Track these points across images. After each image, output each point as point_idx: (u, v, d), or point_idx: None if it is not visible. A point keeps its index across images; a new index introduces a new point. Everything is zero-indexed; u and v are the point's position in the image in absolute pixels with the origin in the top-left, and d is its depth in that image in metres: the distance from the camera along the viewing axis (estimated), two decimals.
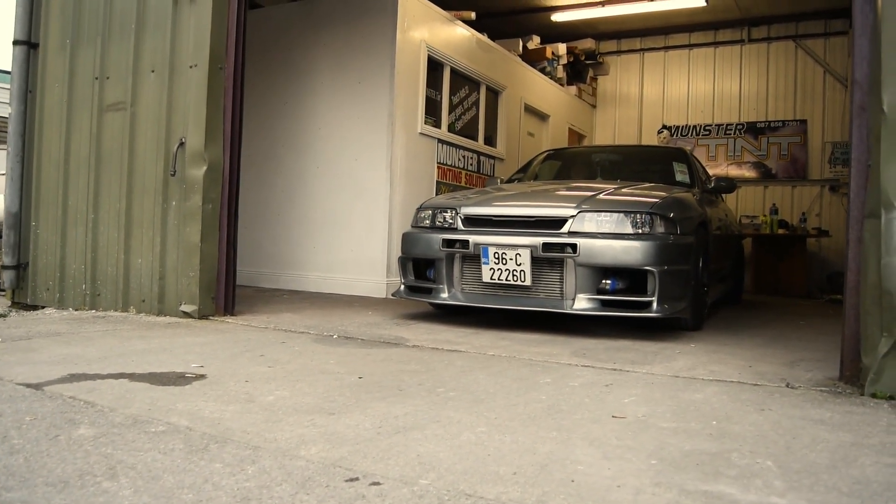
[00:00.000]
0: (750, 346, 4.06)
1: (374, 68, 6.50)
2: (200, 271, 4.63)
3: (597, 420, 2.27)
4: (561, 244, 4.11)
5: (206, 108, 4.64)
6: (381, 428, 2.14)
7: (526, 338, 4.07)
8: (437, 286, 4.55)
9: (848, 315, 2.92)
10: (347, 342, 3.81)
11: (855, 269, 2.90)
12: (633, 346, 3.89)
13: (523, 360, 3.38)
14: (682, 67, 10.75)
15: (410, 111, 6.61)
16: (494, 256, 4.24)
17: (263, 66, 7.15)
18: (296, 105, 6.99)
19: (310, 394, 2.59)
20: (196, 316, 4.60)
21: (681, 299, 4.20)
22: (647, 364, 3.32)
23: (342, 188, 6.68)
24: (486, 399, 2.54)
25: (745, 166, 10.22)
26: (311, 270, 6.83)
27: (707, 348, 3.88)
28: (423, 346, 3.71)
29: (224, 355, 3.34)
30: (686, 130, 10.62)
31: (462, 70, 7.49)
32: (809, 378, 3.07)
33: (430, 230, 4.67)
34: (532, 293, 4.25)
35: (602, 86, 11.36)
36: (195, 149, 4.66)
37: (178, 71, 4.81)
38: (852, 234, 2.92)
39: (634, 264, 4.01)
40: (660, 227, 4.15)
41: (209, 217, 4.67)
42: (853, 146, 2.95)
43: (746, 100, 10.29)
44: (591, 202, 4.32)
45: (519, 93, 8.85)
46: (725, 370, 3.22)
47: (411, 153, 6.63)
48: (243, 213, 7.25)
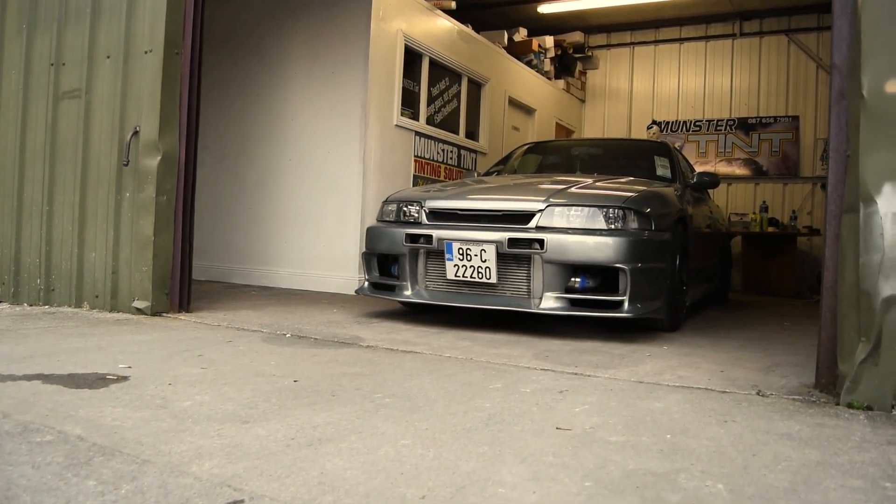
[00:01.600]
0: (727, 348, 3.84)
1: (347, 58, 6.27)
2: (153, 266, 4.40)
3: (538, 432, 2.05)
4: (528, 239, 3.88)
5: (161, 96, 4.42)
6: (293, 439, 1.92)
7: (489, 338, 3.85)
8: (400, 283, 4.33)
9: (824, 318, 2.70)
10: (298, 342, 3.58)
11: (832, 269, 2.68)
12: (602, 348, 3.67)
13: (480, 362, 3.16)
14: (673, 62, 10.52)
15: (386, 103, 6.38)
16: (459, 252, 4.02)
17: (237, 56, 6.93)
18: (268, 96, 6.76)
19: (233, 399, 2.36)
20: (149, 312, 4.38)
21: (655, 299, 3.97)
22: (612, 368, 3.10)
23: (315, 182, 6.45)
24: (424, 407, 2.32)
25: (736, 163, 10.00)
26: (282, 266, 6.60)
27: (680, 351, 3.66)
28: (378, 347, 3.49)
29: (160, 355, 3.11)
30: (676, 126, 10.39)
31: (442, 61, 7.26)
32: (783, 385, 2.85)
33: (395, 224, 4.44)
34: (498, 291, 4.03)
35: (591, 80, 11.13)
36: (149, 138, 4.44)
37: (133, 57, 4.58)
38: (829, 230, 2.70)
39: (605, 261, 3.79)
40: (633, 222, 3.93)
41: (163, 210, 4.45)
42: (831, 135, 2.73)
43: (738, 95, 10.06)
44: (561, 195, 4.09)
45: (503, 86, 8.62)
46: (695, 375, 3.00)
47: (386, 146, 6.41)
48: (215, 208, 7.07)
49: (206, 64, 7.13)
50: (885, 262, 2.45)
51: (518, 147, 6.53)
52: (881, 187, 2.48)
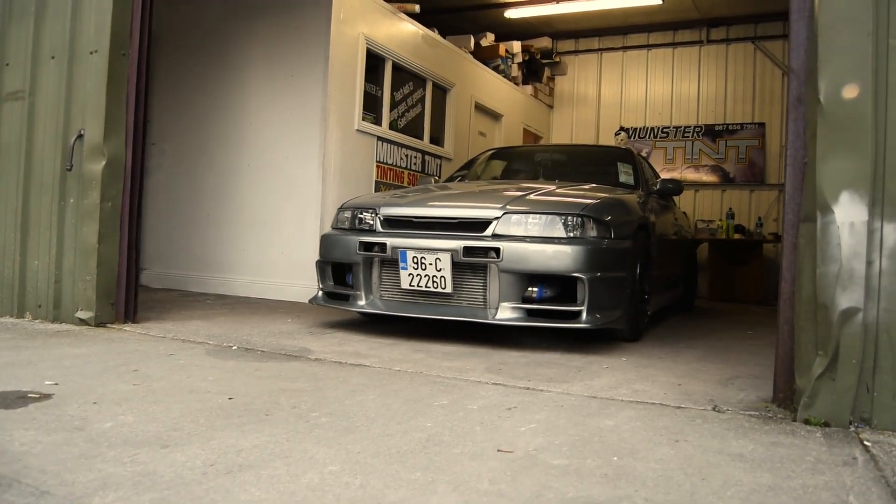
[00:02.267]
0: (687, 359, 3.75)
1: (307, 61, 6.12)
2: (98, 275, 4.22)
3: (478, 455, 1.93)
4: (483, 248, 3.77)
5: (106, 98, 4.24)
6: (212, 466, 1.78)
7: (444, 350, 3.73)
8: (354, 293, 4.19)
9: (781, 330, 2.61)
10: (244, 355, 3.43)
11: (789, 280, 2.60)
12: (559, 360, 3.56)
13: (430, 376, 3.03)
14: (641, 68, 10.50)
15: (346, 107, 6.24)
16: (413, 261, 3.89)
17: (196, 58, 6.75)
18: (227, 99, 6.58)
19: (158, 419, 2.21)
20: (92, 323, 4.19)
21: (614, 308, 3.88)
22: (566, 382, 2.99)
23: (273, 187, 6.29)
24: (362, 427, 2.19)
25: (703, 170, 10.00)
26: (240, 274, 6.42)
27: (639, 362, 3.57)
28: (326, 360, 3.35)
29: (92, 370, 2.94)
30: (644, 132, 10.37)
31: (406, 65, 7.14)
32: (740, 400, 2.76)
33: (350, 232, 4.30)
34: (454, 301, 3.91)
35: (559, 86, 11.07)
36: (94, 142, 4.25)
37: (79, 57, 4.40)
38: (787, 239, 2.62)
39: (562, 270, 3.68)
40: (592, 230, 3.83)
41: (108, 216, 4.26)
42: (789, 142, 2.66)
43: (705, 102, 10.06)
44: (519, 203, 3.99)
45: (469, 91, 8.52)
46: (650, 389, 2.90)
47: (347, 151, 6.26)
48: (172, 214, 6.88)
49: (165, 67, 7.01)
50: (843, 273, 2.37)
51: (482, 153, 6.43)
52: (838, 196, 2.40)
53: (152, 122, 6.97)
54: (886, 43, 2.38)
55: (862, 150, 2.37)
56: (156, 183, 6.98)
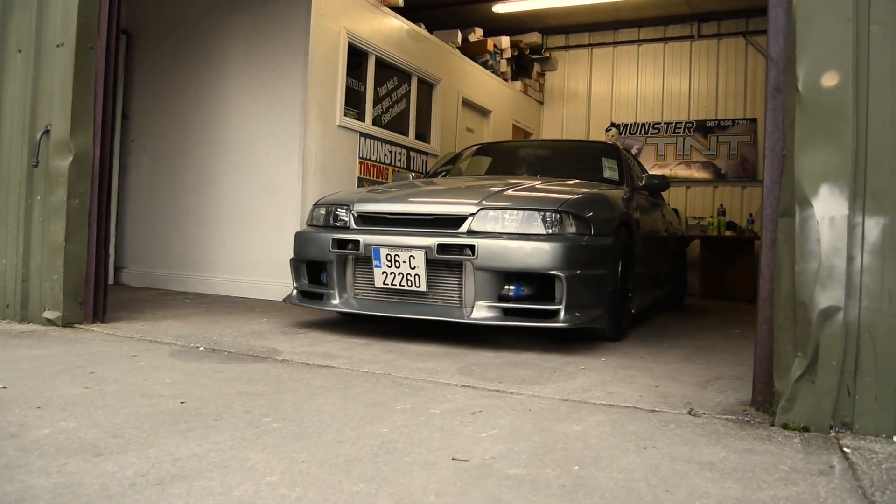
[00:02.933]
0: (668, 359, 3.64)
1: (286, 56, 6.00)
2: (65, 274, 4.09)
3: (430, 464, 1.81)
4: (458, 245, 3.65)
5: (73, 92, 4.11)
6: (143, 476, 1.66)
7: (418, 350, 3.61)
8: (328, 291, 4.07)
9: (760, 330, 2.50)
10: (209, 356, 3.31)
11: (768, 277, 2.48)
12: (535, 360, 3.45)
13: (397, 378, 2.92)
14: (632, 63, 10.39)
15: (328, 102, 6.12)
16: (387, 259, 3.77)
17: (175, 53, 6.62)
18: (207, 95, 6.45)
19: (100, 425, 2.09)
20: (59, 323, 4.07)
21: (594, 307, 3.77)
22: (538, 384, 2.88)
23: (253, 184, 6.17)
24: (314, 433, 2.07)
25: (695, 166, 9.89)
26: (220, 272, 6.30)
27: (618, 363, 3.45)
28: (293, 361, 3.23)
29: (47, 373, 2.82)
30: (635, 128, 10.26)
31: (389, 60, 7.02)
32: (718, 402, 2.65)
33: (324, 229, 4.18)
34: (429, 300, 3.79)
35: (550, 82, 10.96)
36: (60, 137, 4.13)
37: (45, 51, 4.27)
38: (765, 235, 2.51)
39: (539, 268, 3.57)
40: (571, 226, 3.72)
41: (75, 214, 4.14)
42: (767, 133, 2.54)
43: (696, 97, 9.96)
44: (495, 198, 3.87)
45: (456, 86, 8.40)
46: (626, 391, 2.78)
47: (328, 147, 6.14)
48: (152, 211, 6.75)
49: (144, 62, 6.88)
50: (822, 270, 2.26)
51: (466, 148, 6.31)
52: (818, 189, 2.29)
53: (132, 118, 6.86)
54: (868, 28, 2.27)
55: (842, 140, 2.26)
56: (136, 180, 6.86)
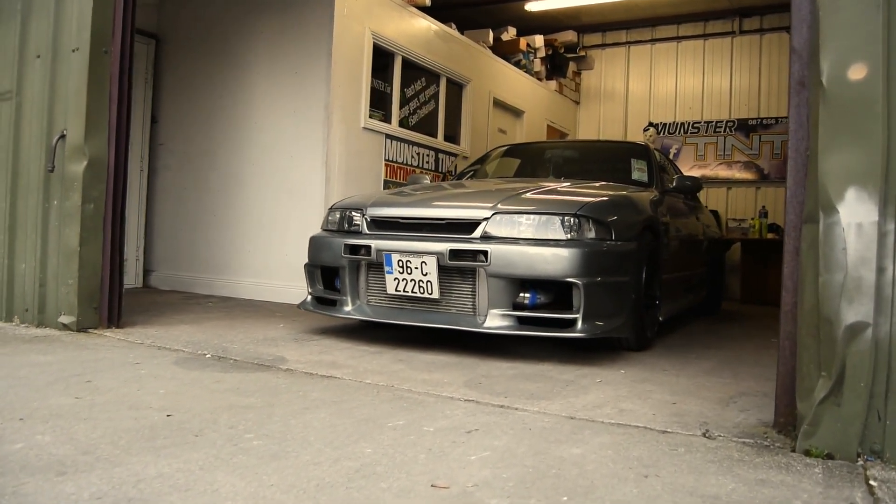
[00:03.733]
0: (692, 372, 3.44)
1: (309, 57, 5.93)
2: (80, 279, 4.08)
3: (406, 492, 1.68)
4: (471, 251, 3.51)
5: (87, 96, 4.10)
6: (100, 499, 1.57)
7: (428, 360, 3.48)
8: (341, 298, 3.97)
9: (783, 346, 2.31)
10: (213, 364, 3.23)
11: (791, 289, 2.29)
12: (550, 371, 3.29)
13: (399, 391, 2.79)
14: (670, 61, 10.10)
15: (352, 104, 6.03)
16: (399, 265, 3.65)
17: (201, 56, 6.61)
18: (232, 98, 6.43)
19: (75, 440, 2.01)
20: (74, 328, 4.06)
21: (615, 316, 3.59)
22: (547, 399, 2.72)
23: (277, 187, 6.11)
24: (292, 453, 1.95)
25: (736, 166, 9.56)
26: (244, 276, 6.26)
27: (637, 376, 3.27)
28: (296, 371, 3.13)
29: (43, 381, 2.77)
30: (674, 128, 9.97)
31: (417, 60, 6.91)
32: (737, 423, 2.46)
33: (338, 234, 4.09)
34: (441, 307, 3.66)
35: (586, 81, 10.73)
36: (75, 142, 4.12)
37: (62, 56, 4.27)
38: (788, 243, 2.32)
39: (556, 275, 3.41)
40: (590, 231, 3.55)
41: (90, 218, 4.12)
42: (791, 132, 2.35)
43: (737, 95, 9.62)
44: (511, 202, 3.72)
45: (487, 86, 8.25)
46: (639, 409, 2.61)
47: (353, 150, 6.06)
48: (179, 215, 6.75)
49: (171, 66, 6.90)
50: (849, 282, 2.06)
51: (494, 149, 6.17)
52: (844, 193, 2.09)
53: (160, 122, 6.88)
54: None
55: (871, 139, 2.06)
56: (164, 183, 6.87)
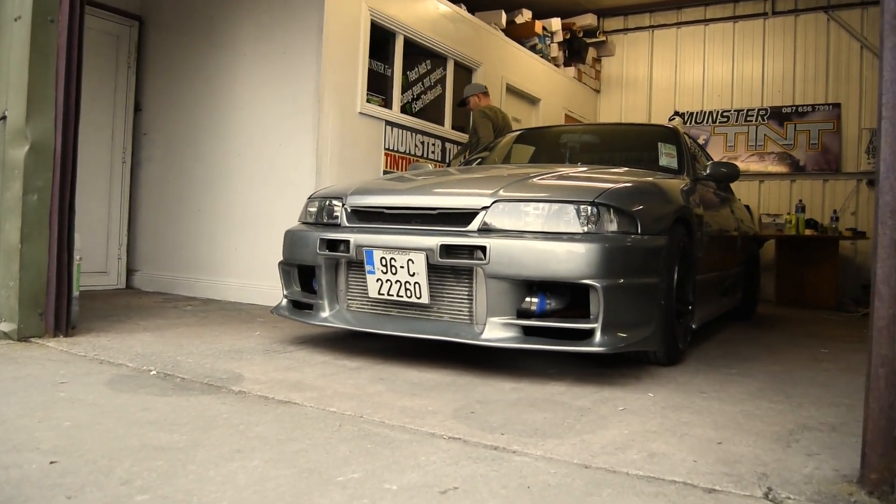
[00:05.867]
0: (736, 394, 2.82)
1: (298, 35, 5.37)
2: (21, 280, 3.54)
3: None
4: (466, 246, 2.91)
5: (30, 72, 3.55)
6: None
7: (415, 378, 2.89)
8: (318, 302, 3.39)
9: (875, 376, 1.68)
10: (151, 385, 2.67)
11: (887, 297, 1.67)
12: (561, 395, 2.68)
13: (368, 423, 2.20)
14: (697, 46, 9.43)
15: (346, 87, 5.46)
16: (381, 263, 3.07)
17: (186, 38, 6.08)
18: (218, 83, 5.88)
19: None
20: (15, 337, 3.51)
21: (642, 325, 2.98)
22: (555, 436, 2.12)
23: (265, 179, 5.56)
24: None
25: (769, 158, 8.88)
26: (230, 276, 5.71)
27: (670, 400, 2.66)
28: (248, 394, 2.55)
29: None
30: (701, 117, 9.30)
31: (421, 41, 6.32)
32: (808, 476, 1.84)
33: (315, 227, 3.52)
34: (432, 314, 3.07)
35: (607, 68, 10.08)
36: (16, 124, 3.58)
37: (3, 26, 3.75)
38: (882, 235, 1.70)
39: (569, 276, 2.80)
40: (611, 223, 2.94)
41: (33, 211, 3.58)
42: (884, 84, 1.73)
43: (770, 82, 8.93)
44: (515, 188, 3.11)
45: (499, 71, 7.64)
46: (675, 452, 2.00)
47: (348, 137, 5.49)
48: (161, 211, 6.21)
49: (155, 51, 6.34)
50: None
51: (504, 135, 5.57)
52: None
53: (145, 110, 6.36)
54: None
55: None
56: (147, 176, 6.35)
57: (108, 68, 6.18)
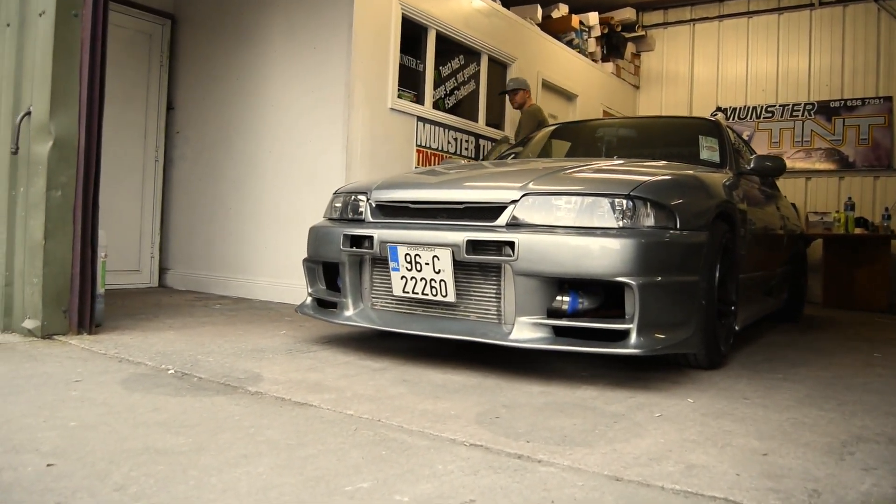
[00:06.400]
0: (782, 401, 2.63)
1: (328, 30, 5.28)
2: (44, 277, 3.50)
3: None
4: (493, 242, 2.77)
5: (53, 66, 3.52)
6: None
7: (439, 380, 2.76)
8: (342, 300, 3.28)
9: None
10: (167, 384, 2.58)
11: None
12: (593, 400, 2.53)
13: (386, 427, 2.08)
14: (740, 39, 9.13)
15: (377, 82, 5.36)
16: (406, 260, 2.94)
17: (217, 36, 6.05)
18: (249, 80, 5.83)
19: None
20: (39, 335, 3.48)
21: (681, 326, 2.81)
22: (585, 444, 1.97)
23: (295, 177, 5.48)
24: None
25: (816, 154, 8.55)
26: (260, 275, 5.65)
27: (711, 407, 2.48)
28: (265, 395, 2.45)
29: None
30: (744, 112, 9.00)
31: (454, 36, 6.19)
32: (866, 492, 1.66)
33: (339, 223, 3.41)
34: (459, 313, 2.93)
35: (646, 63, 9.83)
36: (40, 119, 3.55)
37: (29, 21, 3.71)
38: None
39: (603, 273, 2.64)
40: (647, 217, 2.77)
41: (57, 207, 3.54)
42: None
43: (817, 75, 8.60)
44: (545, 181, 2.96)
45: (535, 67, 7.47)
46: (716, 465, 1.84)
47: (378, 133, 5.38)
48: (194, 209, 6.18)
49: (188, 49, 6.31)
50: None
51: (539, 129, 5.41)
52: None
53: (177, 108, 6.35)
54: None
55: None
56: (180, 175, 6.33)
57: (141, 67, 6.17)
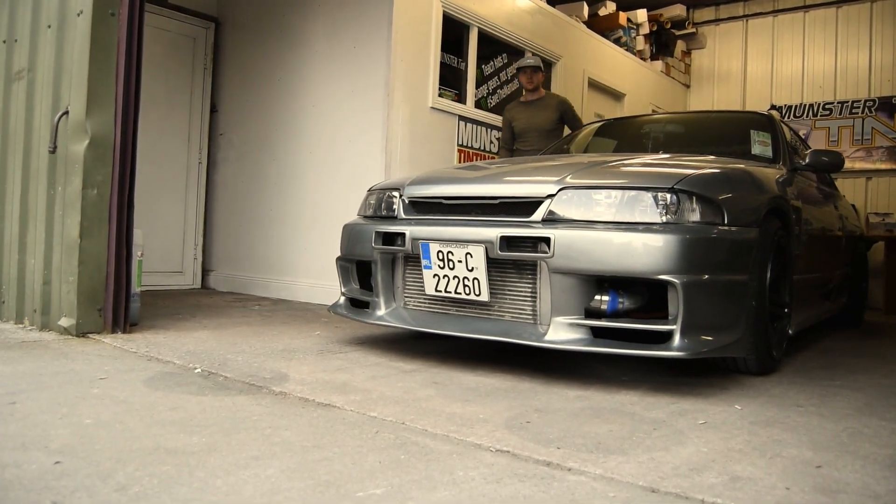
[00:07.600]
0: (838, 409, 2.44)
1: (369, 30, 5.22)
2: (80, 275, 3.50)
3: None
4: (528, 238, 2.64)
5: (90, 66, 3.53)
6: None
7: (472, 383, 2.64)
8: (374, 299, 3.19)
9: None
10: (192, 383, 2.52)
11: None
12: (631, 405, 2.38)
13: (409, 431, 1.97)
14: (796, 35, 8.79)
15: (417, 81, 5.28)
16: (438, 257, 2.83)
17: (261, 38, 6.05)
18: (291, 82, 5.81)
19: None
20: (74, 332, 3.48)
21: (729, 328, 2.63)
22: (620, 452, 1.83)
23: (334, 177, 5.43)
24: None
25: (878, 152, 8.16)
26: (300, 276, 5.62)
27: (760, 415, 2.31)
28: (289, 395, 2.37)
29: None
30: (800, 110, 8.66)
31: (497, 33, 6.08)
32: None
33: (372, 220, 3.33)
34: (493, 313, 2.81)
35: (697, 62, 9.55)
36: (77, 119, 3.56)
37: (68, 22, 3.74)
38: None
39: (645, 271, 2.49)
40: (693, 212, 2.61)
41: (93, 206, 3.54)
42: None
43: (878, 70, 8.21)
44: (585, 174, 2.82)
45: (581, 65, 7.30)
46: (763, 477, 1.68)
47: (419, 133, 5.30)
48: (237, 211, 6.19)
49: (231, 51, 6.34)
50: None
51: (585, 125, 5.26)
52: None
53: (220, 111, 6.38)
54: None
55: None
56: (223, 177, 6.35)
57: (185, 71, 6.22)
